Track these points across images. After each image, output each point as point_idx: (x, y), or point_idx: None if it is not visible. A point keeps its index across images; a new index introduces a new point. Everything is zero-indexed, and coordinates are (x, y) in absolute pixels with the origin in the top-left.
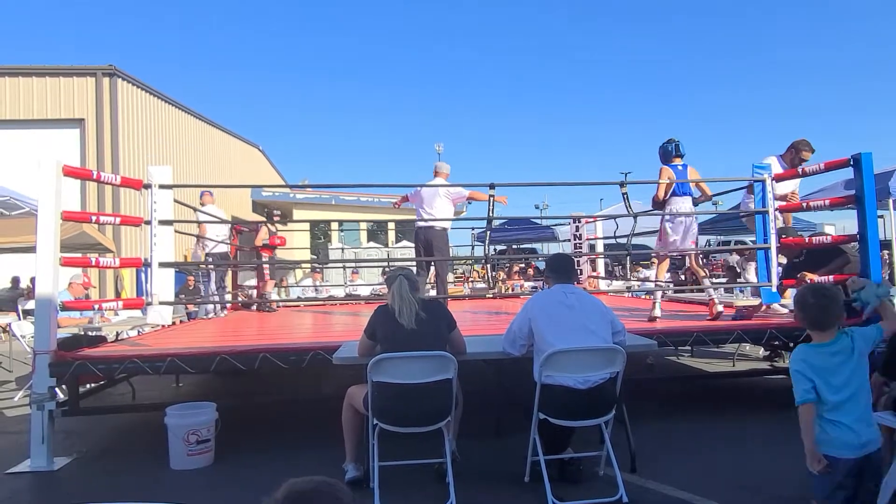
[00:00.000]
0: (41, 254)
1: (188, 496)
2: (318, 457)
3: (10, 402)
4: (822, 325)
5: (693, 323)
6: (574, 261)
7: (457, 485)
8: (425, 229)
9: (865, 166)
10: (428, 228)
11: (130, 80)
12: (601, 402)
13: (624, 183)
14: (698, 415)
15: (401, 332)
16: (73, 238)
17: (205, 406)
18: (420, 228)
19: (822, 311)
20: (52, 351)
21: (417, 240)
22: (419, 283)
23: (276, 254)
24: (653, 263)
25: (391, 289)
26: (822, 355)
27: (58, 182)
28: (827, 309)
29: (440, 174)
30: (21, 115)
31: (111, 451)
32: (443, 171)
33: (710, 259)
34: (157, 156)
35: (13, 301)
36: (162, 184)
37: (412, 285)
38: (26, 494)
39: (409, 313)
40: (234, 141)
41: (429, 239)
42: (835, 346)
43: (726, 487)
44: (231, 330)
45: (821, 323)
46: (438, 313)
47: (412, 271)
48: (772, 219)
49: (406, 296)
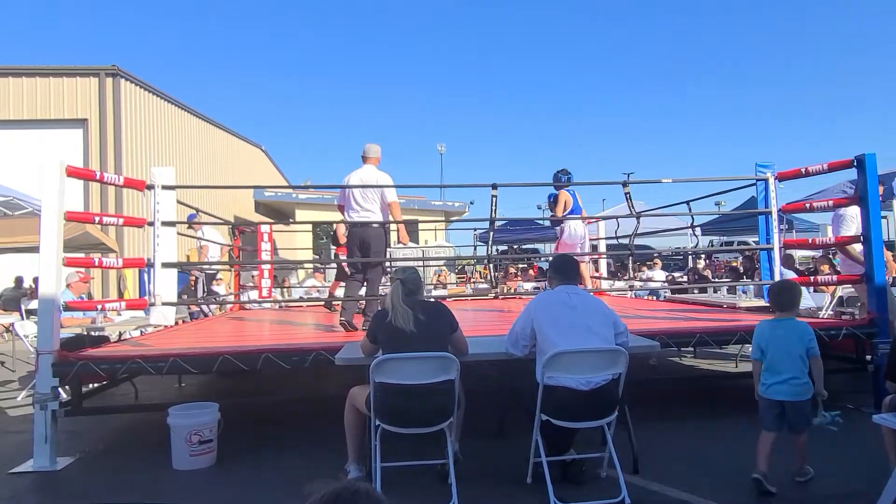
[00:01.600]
0: (44, 254)
1: (190, 496)
2: (321, 457)
3: (14, 401)
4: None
5: (696, 324)
6: (577, 262)
7: (459, 486)
8: (361, 227)
9: (869, 167)
10: (364, 226)
11: (133, 81)
12: (604, 404)
13: (627, 182)
14: (701, 416)
15: (401, 334)
16: (77, 238)
17: (207, 406)
18: (355, 226)
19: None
20: (56, 351)
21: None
22: (419, 286)
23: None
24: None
25: (388, 293)
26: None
27: (61, 182)
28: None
29: (370, 159)
30: (24, 115)
31: (114, 451)
32: (371, 154)
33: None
34: (159, 156)
35: (16, 301)
36: (165, 185)
37: (407, 291)
38: (29, 494)
39: (406, 318)
40: (237, 141)
41: (365, 239)
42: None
43: (729, 489)
44: (233, 330)
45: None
46: (440, 315)
47: (412, 273)
48: (774, 219)
49: (398, 303)
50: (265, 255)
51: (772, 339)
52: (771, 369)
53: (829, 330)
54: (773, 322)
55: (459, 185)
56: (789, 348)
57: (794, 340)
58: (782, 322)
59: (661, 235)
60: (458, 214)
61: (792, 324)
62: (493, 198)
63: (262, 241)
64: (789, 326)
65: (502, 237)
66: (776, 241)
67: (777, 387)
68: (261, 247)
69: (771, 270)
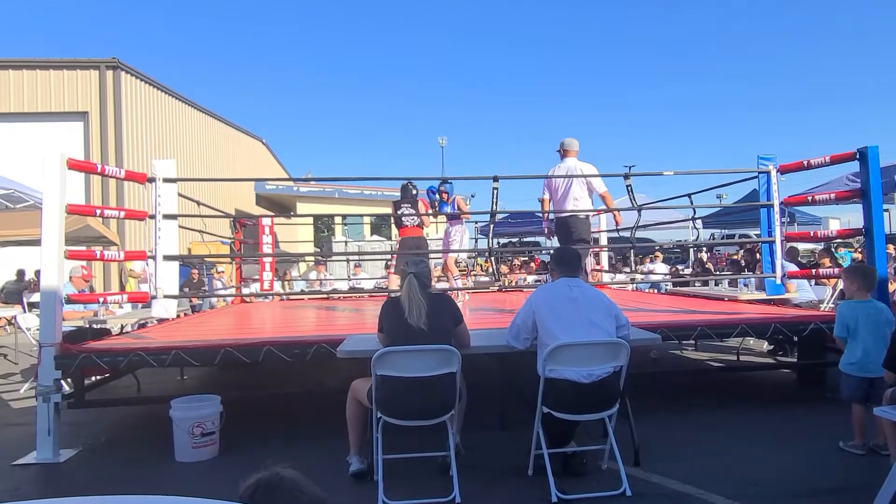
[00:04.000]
0: (46, 247)
1: (193, 488)
2: (322, 449)
3: (16, 394)
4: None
5: (697, 317)
6: (579, 254)
7: (460, 478)
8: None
9: (871, 160)
10: (569, 217)
11: (134, 73)
12: (605, 396)
13: (628, 175)
14: (702, 409)
15: (407, 326)
16: (78, 231)
17: (209, 399)
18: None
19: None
20: (58, 344)
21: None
22: (430, 279)
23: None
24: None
25: (402, 287)
26: None
27: (62, 175)
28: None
29: (570, 153)
30: (25, 108)
31: (116, 443)
32: (573, 147)
33: (715, 252)
34: (160, 149)
35: (18, 294)
36: (166, 177)
37: (421, 283)
38: (32, 486)
39: (419, 312)
40: (238, 134)
41: (570, 226)
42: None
43: (730, 481)
44: (235, 323)
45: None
46: (445, 308)
47: (424, 266)
48: (776, 212)
49: (416, 296)
50: (266, 248)
51: (863, 318)
52: (862, 348)
53: (830, 323)
54: (861, 303)
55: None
56: (878, 327)
57: (882, 320)
58: (869, 303)
59: (662, 228)
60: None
61: (878, 305)
62: (494, 190)
63: (264, 234)
64: (877, 307)
65: (503, 230)
66: (778, 234)
67: (867, 364)
68: (262, 240)
69: (773, 263)
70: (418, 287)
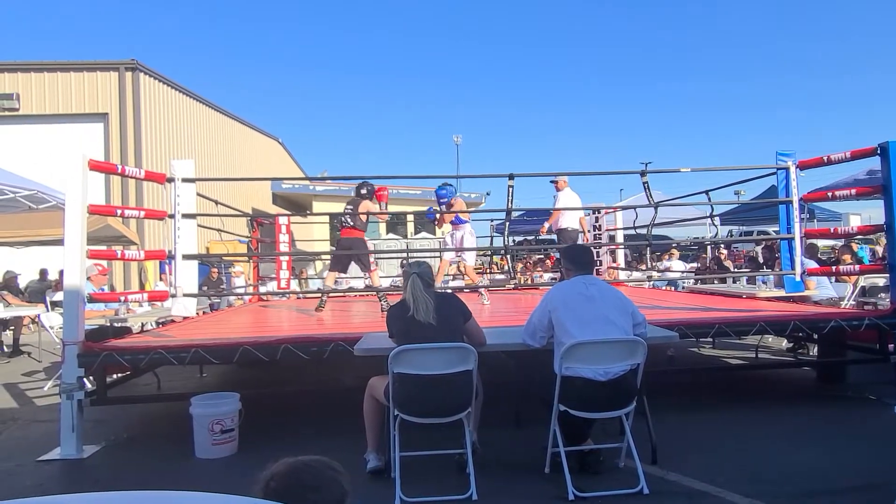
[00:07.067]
0: (69, 246)
1: (213, 484)
2: (340, 446)
3: (41, 391)
4: None
5: (715, 314)
6: (591, 251)
7: (477, 475)
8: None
9: (893, 155)
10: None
11: (152, 74)
12: (622, 394)
13: (645, 172)
14: (720, 407)
15: (417, 326)
16: (98, 231)
17: (228, 396)
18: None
19: None
20: (81, 342)
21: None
22: (433, 278)
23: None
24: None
25: (405, 287)
26: None
27: (84, 176)
28: None
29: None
30: (46, 111)
31: (138, 439)
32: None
33: (733, 249)
34: (178, 149)
35: (41, 293)
36: (185, 177)
37: (425, 282)
38: (56, 481)
39: (426, 309)
40: (255, 134)
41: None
42: None
43: (748, 480)
44: (253, 321)
45: None
46: (453, 305)
47: (426, 267)
48: (795, 208)
49: (420, 294)
50: (283, 247)
51: None
52: None
53: (850, 320)
54: None
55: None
56: None
57: None
58: None
59: (679, 225)
60: (476, 206)
61: None
62: (509, 188)
63: (280, 233)
64: None
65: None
66: (797, 231)
67: None
68: (279, 238)
69: (792, 260)
70: (422, 286)
